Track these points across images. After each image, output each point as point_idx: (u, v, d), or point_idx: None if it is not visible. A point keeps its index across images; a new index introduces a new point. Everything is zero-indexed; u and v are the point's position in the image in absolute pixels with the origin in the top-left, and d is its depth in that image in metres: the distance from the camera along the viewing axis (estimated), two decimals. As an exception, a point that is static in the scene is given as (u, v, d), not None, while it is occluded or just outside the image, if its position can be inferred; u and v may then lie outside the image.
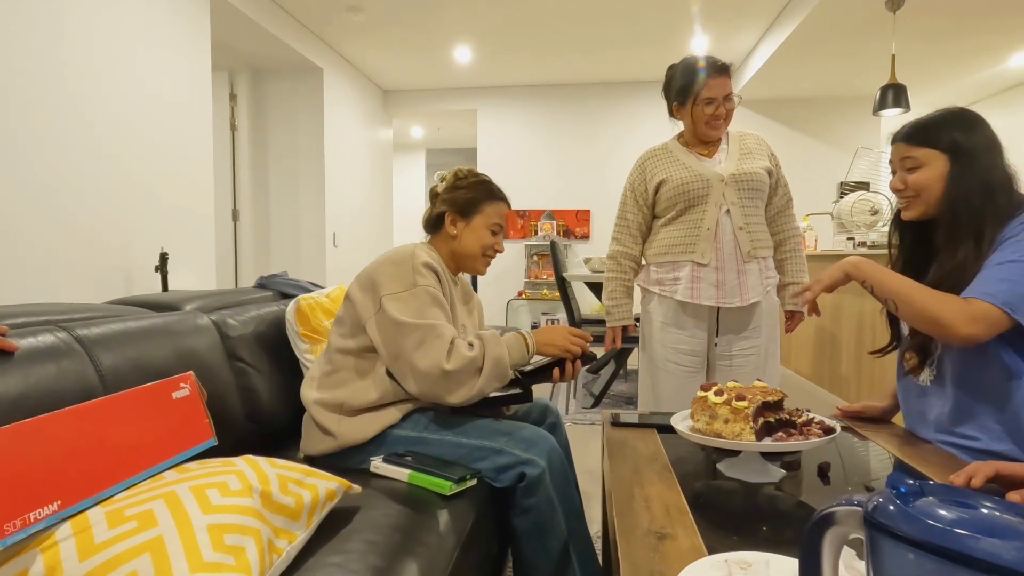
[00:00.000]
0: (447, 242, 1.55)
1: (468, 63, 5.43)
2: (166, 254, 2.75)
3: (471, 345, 1.34)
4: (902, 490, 0.39)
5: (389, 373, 1.38)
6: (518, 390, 1.44)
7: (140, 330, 1.27)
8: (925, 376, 1.27)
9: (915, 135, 1.22)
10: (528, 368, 1.42)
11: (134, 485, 0.86)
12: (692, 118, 1.79)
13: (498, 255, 1.57)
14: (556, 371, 1.42)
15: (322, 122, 4.78)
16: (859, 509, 0.41)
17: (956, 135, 1.18)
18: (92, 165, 2.59)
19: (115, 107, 2.71)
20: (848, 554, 0.68)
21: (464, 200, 1.53)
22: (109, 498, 0.82)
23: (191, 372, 1.07)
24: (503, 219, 1.58)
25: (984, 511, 0.37)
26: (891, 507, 0.37)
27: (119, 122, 2.73)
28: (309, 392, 1.42)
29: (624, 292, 1.93)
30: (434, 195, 1.60)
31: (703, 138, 1.82)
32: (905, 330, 1.32)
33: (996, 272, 1.09)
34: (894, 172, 1.29)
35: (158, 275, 2.77)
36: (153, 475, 0.89)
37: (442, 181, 1.60)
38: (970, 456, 1.15)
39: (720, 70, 1.76)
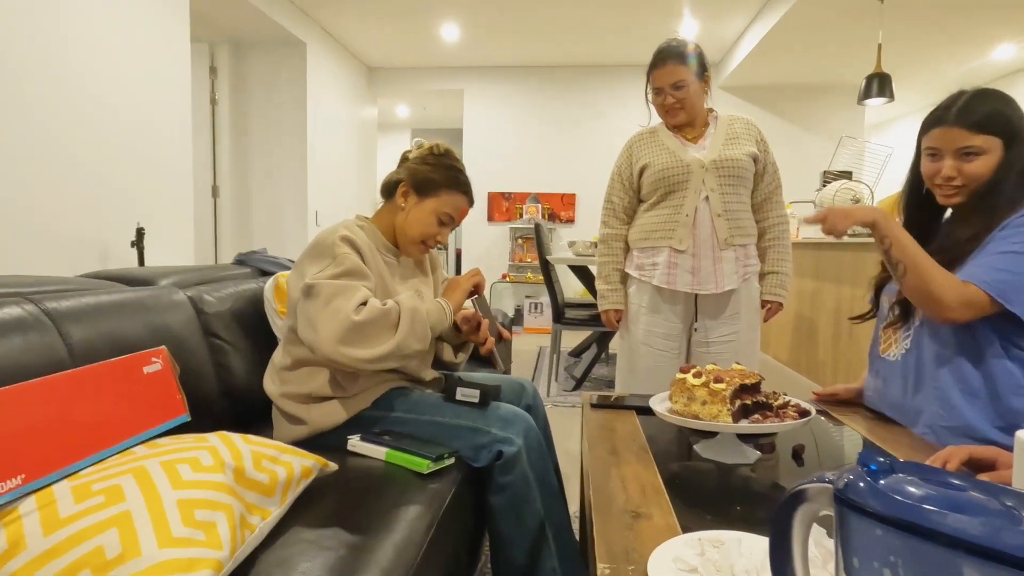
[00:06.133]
0: (394, 213, 1.46)
1: (455, 41, 5.35)
2: (142, 229, 2.70)
3: (385, 303, 1.29)
4: (872, 467, 0.39)
5: None
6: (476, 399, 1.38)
7: (112, 304, 1.23)
8: (896, 351, 1.28)
9: (977, 121, 1.13)
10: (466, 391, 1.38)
11: (102, 460, 0.84)
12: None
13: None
14: (478, 338, 1.49)
15: (305, 98, 4.69)
16: (829, 486, 0.41)
17: (1012, 120, 1.14)
18: (66, 139, 2.52)
19: (90, 79, 2.63)
20: (818, 532, 0.69)
21: (424, 176, 1.43)
22: (76, 473, 0.80)
23: (163, 347, 1.05)
24: (458, 214, 1.47)
25: (952, 489, 0.37)
26: (860, 484, 0.37)
27: (94, 94, 2.65)
28: (272, 386, 1.38)
29: (618, 275, 1.93)
30: (403, 160, 1.50)
31: (669, 125, 1.83)
32: (885, 306, 1.33)
33: (995, 261, 1.10)
34: (936, 157, 1.19)
35: (134, 250, 2.71)
36: (122, 450, 0.88)
37: (417, 148, 1.50)
38: (934, 437, 1.17)
39: (665, 59, 1.74)
